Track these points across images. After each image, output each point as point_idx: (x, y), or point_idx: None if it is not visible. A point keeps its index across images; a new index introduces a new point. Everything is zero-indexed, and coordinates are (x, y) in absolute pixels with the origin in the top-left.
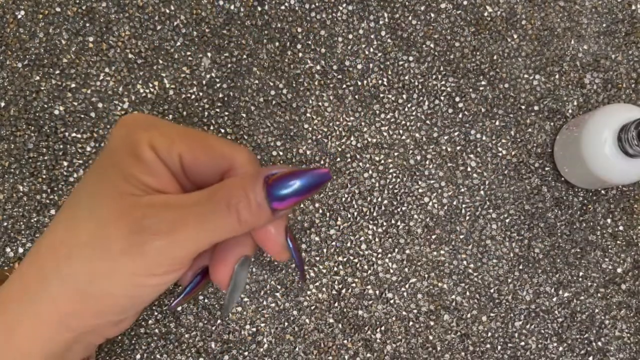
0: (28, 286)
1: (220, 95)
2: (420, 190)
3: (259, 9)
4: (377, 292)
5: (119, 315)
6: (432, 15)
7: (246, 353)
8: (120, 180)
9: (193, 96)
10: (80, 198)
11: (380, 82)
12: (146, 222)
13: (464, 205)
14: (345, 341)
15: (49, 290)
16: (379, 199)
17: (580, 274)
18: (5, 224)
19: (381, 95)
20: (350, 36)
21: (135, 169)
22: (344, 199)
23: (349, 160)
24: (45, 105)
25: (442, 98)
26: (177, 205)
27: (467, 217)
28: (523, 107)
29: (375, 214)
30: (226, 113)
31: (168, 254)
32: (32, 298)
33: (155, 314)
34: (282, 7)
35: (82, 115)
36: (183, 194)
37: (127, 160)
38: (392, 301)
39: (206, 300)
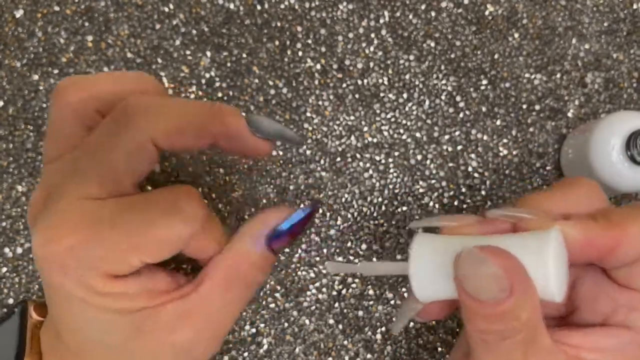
0: None
1: (220, 95)
2: (421, 190)
3: (259, 7)
4: (378, 292)
5: None
6: (433, 14)
7: (246, 354)
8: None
9: (192, 95)
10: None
11: (380, 81)
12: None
13: (464, 206)
14: (345, 342)
15: None
16: (379, 199)
17: None
18: (3, 224)
19: (381, 94)
20: (351, 35)
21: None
22: (344, 199)
23: (349, 160)
24: (44, 105)
25: (442, 97)
26: (197, 305)
27: None
28: (524, 106)
29: (375, 214)
30: None
31: None
32: None
33: None
34: (282, 6)
35: None
36: (194, 292)
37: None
38: (392, 302)
39: None
